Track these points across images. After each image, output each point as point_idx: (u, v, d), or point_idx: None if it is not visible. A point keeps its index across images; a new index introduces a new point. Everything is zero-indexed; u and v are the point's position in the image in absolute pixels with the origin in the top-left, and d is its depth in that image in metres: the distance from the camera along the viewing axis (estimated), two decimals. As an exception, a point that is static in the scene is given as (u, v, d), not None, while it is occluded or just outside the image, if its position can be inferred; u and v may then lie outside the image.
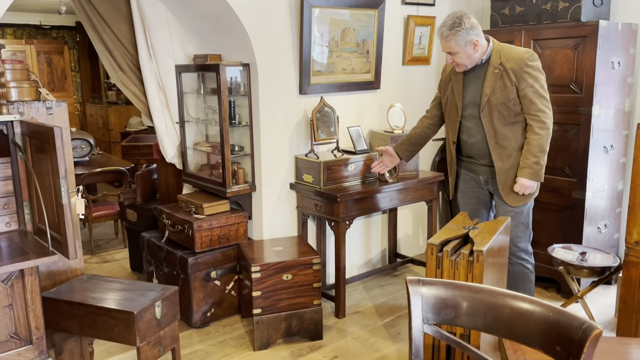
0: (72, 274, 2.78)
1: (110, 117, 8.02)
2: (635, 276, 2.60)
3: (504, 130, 2.83)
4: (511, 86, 2.76)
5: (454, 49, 2.76)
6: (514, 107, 2.79)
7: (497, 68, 2.78)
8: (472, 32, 2.73)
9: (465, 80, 2.91)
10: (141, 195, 4.37)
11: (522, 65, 2.74)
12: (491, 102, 2.80)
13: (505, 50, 2.81)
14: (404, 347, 3.10)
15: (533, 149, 2.77)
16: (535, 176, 2.79)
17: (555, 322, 1.31)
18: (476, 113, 2.87)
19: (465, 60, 2.79)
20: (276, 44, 3.38)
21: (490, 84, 2.79)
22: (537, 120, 2.77)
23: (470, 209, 3.08)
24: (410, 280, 1.51)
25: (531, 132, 2.79)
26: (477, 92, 2.85)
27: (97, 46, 3.57)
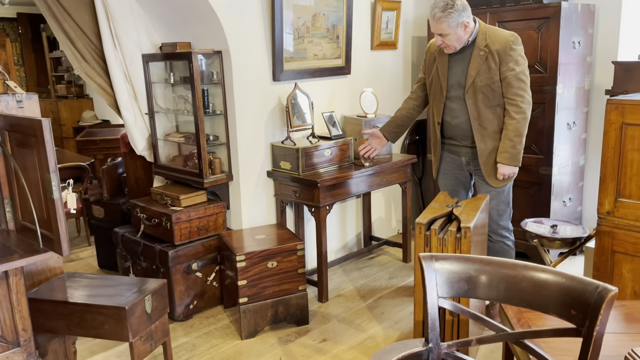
0: (51, 273, 2.68)
1: (61, 111, 7.69)
2: (607, 245, 2.74)
3: (487, 113, 2.88)
4: (495, 68, 2.81)
5: (446, 31, 2.77)
6: (498, 89, 2.84)
7: (482, 50, 2.82)
8: (464, 14, 2.75)
9: (451, 61, 2.93)
10: (108, 190, 4.25)
11: (506, 48, 2.79)
12: (476, 83, 2.84)
13: (490, 32, 2.85)
14: (389, 326, 3.16)
15: (509, 133, 2.83)
16: (513, 160, 2.85)
17: (569, 288, 1.38)
18: (460, 94, 2.92)
19: (455, 42, 2.81)
20: (248, 30, 3.34)
21: (476, 65, 2.83)
22: (514, 105, 2.82)
23: (450, 190, 3.15)
24: (424, 257, 1.55)
25: (508, 117, 2.84)
26: (462, 73, 2.89)
27: (59, 36, 3.42)
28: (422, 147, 4.49)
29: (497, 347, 2.87)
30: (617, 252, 2.67)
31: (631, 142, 2.53)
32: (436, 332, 1.52)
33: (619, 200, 2.61)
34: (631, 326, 1.80)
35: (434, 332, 1.52)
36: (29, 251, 1.96)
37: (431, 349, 1.52)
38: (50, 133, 1.80)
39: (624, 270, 2.66)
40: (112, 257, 3.95)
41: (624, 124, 2.54)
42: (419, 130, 4.48)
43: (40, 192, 1.91)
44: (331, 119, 3.70)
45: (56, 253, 1.91)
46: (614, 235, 2.65)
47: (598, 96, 3.88)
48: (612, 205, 2.64)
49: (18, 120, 1.95)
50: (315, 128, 3.62)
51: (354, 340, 3.03)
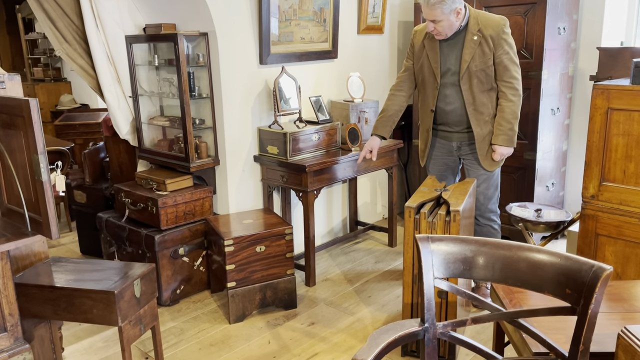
0: (36, 257, 2.62)
1: (39, 95, 7.50)
2: (591, 228, 2.79)
3: (482, 97, 2.88)
4: (489, 52, 2.82)
5: (439, 17, 2.74)
6: (492, 73, 2.86)
7: (475, 35, 2.81)
8: (457, 1, 2.74)
9: (442, 47, 2.91)
10: (90, 175, 4.18)
11: (499, 32, 2.80)
12: (470, 69, 2.84)
13: (481, 16, 2.85)
14: (377, 309, 3.19)
15: (507, 115, 2.85)
16: (510, 142, 2.89)
17: (564, 267, 1.40)
18: (455, 80, 2.90)
19: (447, 28, 2.80)
20: (235, 12, 3.29)
21: (470, 50, 2.83)
22: (511, 87, 2.84)
23: (438, 176, 3.17)
24: (420, 238, 1.55)
25: (504, 99, 2.85)
26: (456, 58, 2.88)
27: (39, 16, 3.33)
28: (407, 132, 4.50)
29: (483, 329, 2.91)
30: (600, 235, 2.73)
31: (616, 126, 2.57)
32: (432, 312, 1.53)
33: (603, 184, 2.66)
34: (619, 305, 1.85)
35: (430, 312, 1.54)
36: (16, 234, 1.92)
37: (427, 329, 1.54)
38: (38, 113, 1.76)
39: (607, 252, 2.72)
40: (95, 243, 3.90)
41: (610, 108, 2.58)
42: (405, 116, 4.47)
43: (28, 174, 1.87)
44: (318, 103, 3.68)
45: (45, 236, 1.88)
46: (598, 218, 2.70)
47: (582, 82, 3.93)
48: (596, 189, 2.69)
49: (4, 101, 1.90)
50: (302, 112, 3.60)
51: (342, 324, 3.05)
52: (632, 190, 2.56)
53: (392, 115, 3.16)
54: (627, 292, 1.98)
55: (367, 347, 1.44)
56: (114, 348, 2.85)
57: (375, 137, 3.18)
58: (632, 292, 1.97)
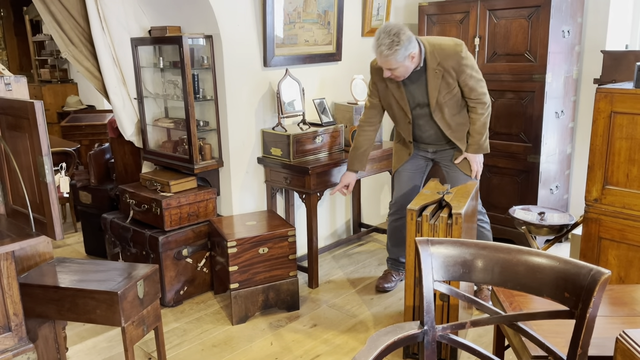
0: (41, 258, 2.65)
1: (45, 96, 7.56)
2: (594, 231, 2.79)
3: (457, 119, 3.01)
4: (453, 82, 2.90)
5: (394, 66, 2.80)
6: (460, 95, 2.96)
7: (436, 70, 2.88)
8: (410, 46, 2.76)
9: (406, 86, 2.97)
10: (95, 176, 4.21)
11: (459, 60, 2.86)
12: (439, 101, 2.93)
13: (437, 49, 2.88)
14: (379, 312, 3.20)
15: (477, 128, 2.99)
16: (481, 150, 3.05)
17: (563, 271, 1.40)
18: (426, 112, 3.00)
19: (404, 73, 2.85)
20: (239, 14, 3.31)
21: (434, 85, 2.90)
22: (479, 102, 2.96)
23: (409, 176, 3.25)
24: (420, 241, 1.56)
25: (474, 113, 2.99)
26: (422, 94, 2.96)
27: (45, 18, 3.36)
28: (411, 134, 4.50)
29: (485, 332, 2.91)
30: (603, 239, 2.72)
31: (619, 130, 2.57)
32: (431, 315, 1.54)
33: (606, 187, 2.65)
34: (619, 309, 1.85)
35: (429, 315, 1.54)
36: (21, 235, 1.94)
37: (426, 332, 1.54)
38: (42, 115, 1.78)
39: (609, 256, 2.72)
40: (100, 244, 3.92)
41: (613, 112, 2.58)
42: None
43: (32, 175, 1.89)
44: (322, 106, 3.69)
45: (49, 237, 1.90)
46: (601, 222, 2.70)
47: (586, 85, 3.92)
48: (599, 192, 2.68)
49: (9, 103, 1.92)
50: (306, 114, 3.61)
51: (344, 326, 3.05)
52: (635, 194, 2.55)
53: (365, 151, 3.23)
54: (629, 296, 1.97)
55: (366, 349, 1.45)
56: (118, 348, 2.87)
57: (351, 173, 3.24)
58: (634, 296, 1.97)
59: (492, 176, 3.93)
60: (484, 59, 3.79)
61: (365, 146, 3.20)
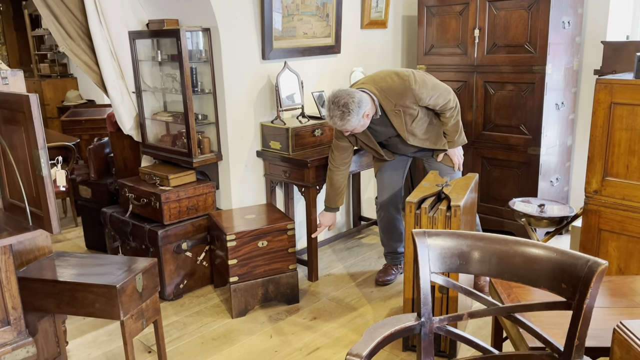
0: (40, 252, 2.65)
1: (45, 91, 7.55)
2: (594, 223, 2.78)
3: (432, 130, 3.09)
4: (415, 108, 2.95)
5: (350, 129, 2.88)
6: (428, 114, 3.04)
7: (395, 110, 2.93)
8: (361, 109, 2.80)
9: (371, 130, 3.04)
10: (95, 170, 4.21)
11: (412, 93, 2.89)
12: (409, 130, 3.00)
13: (388, 92, 2.90)
14: (379, 304, 3.20)
15: (451, 128, 3.09)
16: (459, 144, 3.15)
17: (560, 262, 1.40)
18: (400, 140, 3.09)
19: (363, 127, 2.92)
20: (237, 7, 3.29)
21: (399, 122, 2.97)
22: (447, 109, 3.03)
23: (389, 175, 3.30)
24: (417, 232, 1.55)
25: (444, 117, 3.08)
26: (390, 130, 3.04)
27: (43, 12, 3.35)
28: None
29: (484, 324, 2.91)
30: (603, 230, 2.71)
31: (619, 121, 2.56)
32: (428, 306, 1.54)
33: (606, 179, 2.64)
34: (618, 300, 1.84)
35: (426, 307, 1.54)
36: (18, 229, 1.94)
37: (423, 323, 1.54)
38: (38, 108, 1.77)
39: (609, 247, 2.71)
40: (100, 238, 3.92)
41: (613, 103, 2.56)
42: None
43: (29, 169, 1.89)
44: (321, 99, 3.68)
45: (46, 231, 1.90)
46: (601, 213, 2.69)
47: (586, 76, 3.90)
48: (599, 184, 2.67)
49: (5, 96, 1.91)
50: (305, 108, 3.60)
51: (343, 318, 3.05)
52: (635, 185, 2.54)
53: (342, 190, 3.27)
54: (628, 287, 1.97)
55: (363, 341, 1.45)
56: (117, 342, 2.87)
57: (329, 213, 3.27)
58: (633, 287, 1.96)
59: (492, 168, 3.92)
60: (483, 51, 3.77)
61: (341, 186, 3.25)
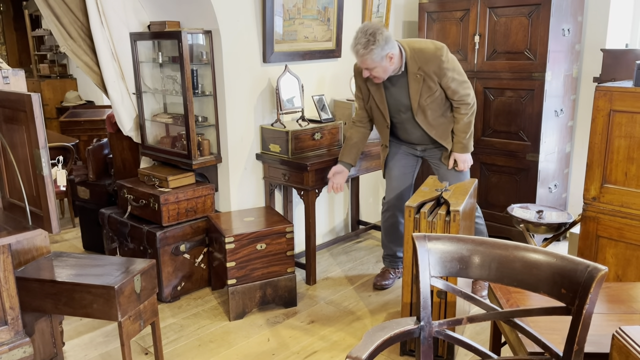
0: (38, 252, 2.64)
1: (44, 91, 7.54)
2: (592, 230, 2.78)
3: (440, 120, 3.03)
4: (435, 85, 2.91)
5: (370, 65, 2.82)
6: (443, 98, 2.98)
7: (417, 74, 2.89)
8: (387, 47, 2.78)
9: (387, 90, 2.99)
10: (93, 171, 4.21)
11: (440, 64, 2.87)
12: (421, 104, 2.95)
13: (417, 54, 2.89)
14: (376, 309, 3.19)
15: (462, 127, 3.01)
16: (466, 149, 3.06)
17: (560, 267, 1.40)
18: (409, 116, 3.02)
19: (382, 73, 2.86)
20: (239, 10, 3.30)
21: (416, 89, 2.92)
22: (462, 104, 2.98)
23: (399, 176, 3.26)
24: (417, 236, 1.56)
25: (458, 114, 3.01)
26: (404, 97, 2.97)
27: (44, 12, 3.35)
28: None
29: (483, 329, 2.91)
30: (601, 237, 2.72)
31: (618, 128, 2.57)
32: (428, 310, 1.54)
33: (604, 186, 2.65)
34: (616, 307, 1.85)
35: (426, 311, 1.54)
36: (17, 228, 1.93)
37: (423, 327, 1.54)
38: (40, 108, 1.77)
39: (607, 254, 2.71)
40: (97, 239, 3.92)
41: (612, 110, 2.57)
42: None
43: (29, 168, 1.88)
44: (321, 102, 3.69)
45: (45, 230, 1.89)
46: (599, 220, 2.69)
47: (586, 84, 3.92)
48: (598, 191, 2.68)
49: (6, 95, 1.91)
50: (305, 111, 3.60)
51: (341, 322, 3.05)
52: (634, 193, 2.55)
53: (356, 143, 3.24)
54: (626, 293, 1.97)
55: (362, 344, 1.45)
56: (114, 343, 2.86)
57: (340, 165, 3.24)
58: (631, 293, 1.97)
59: (490, 174, 3.93)
60: (483, 57, 3.78)
61: (356, 139, 3.21)
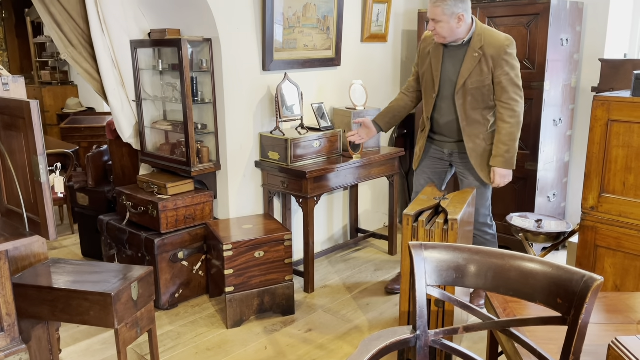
0: (36, 259, 2.64)
1: (45, 98, 7.57)
2: (590, 239, 2.78)
3: (475, 114, 2.91)
4: (487, 72, 2.82)
5: (439, 17, 2.78)
6: (487, 92, 2.87)
7: (476, 52, 2.82)
8: (461, 6, 2.76)
9: (445, 57, 2.94)
10: (93, 178, 4.21)
11: (501, 53, 2.80)
12: (467, 85, 2.87)
13: (486, 34, 2.85)
14: (375, 317, 3.19)
15: (503, 137, 2.86)
16: (507, 164, 2.90)
17: (556, 277, 1.40)
18: (450, 94, 2.95)
19: (447, 32, 2.81)
20: (239, 18, 3.32)
21: (468, 66, 2.84)
22: (508, 109, 2.84)
23: (426, 179, 3.23)
24: (413, 245, 1.56)
25: (501, 121, 2.87)
26: (455, 72, 2.90)
27: (45, 19, 3.37)
28: (410, 140, 4.51)
29: (480, 339, 2.90)
30: (599, 247, 2.71)
31: (616, 138, 2.57)
32: (424, 319, 1.53)
33: (603, 195, 2.65)
34: (614, 317, 1.84)
35: (422, 320, 1.54)
36: (14, 235, 1.93)
37: (419, 336, 1.54)
38: (38, 115, 1.78)
39: (606, 264, 2.71)
40: (96, 246, 3.91)
41: (610, 120, 2.58)
42: (407, 124, 4.49)
43: (27, 175, 1.89)
44: (320, 111, 3.70)
45: (43, 237, 1.89)
46: (597, 230, 2.69)
47: (584, 93, 3.93)
48: (596, 200, 2.68)
49: (5, 102, 1.92)
50: (304, 119, 3.61)
51: (339, 331, 3.04)
52: (632, 203, 2.55)
53: (393, 109, 3.25)
54: (623, 304, 1.97)
55: (358, 353, 1.44)
56: (111, 350, 2.86)
57: (371, 123, 3.26)
58: (629, 304, 1.96)
59: (489, 183, 3.93)
60: (482, 66, 3.79)
61: (395, 104, 3.24)
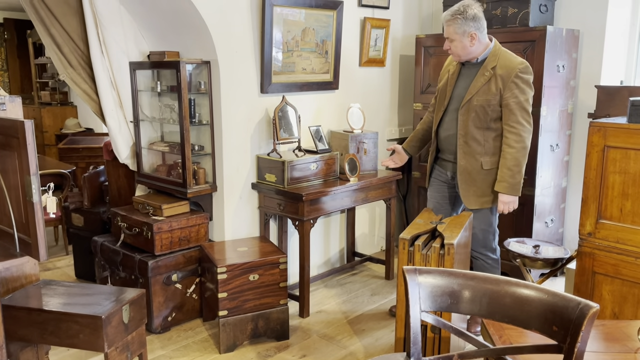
0: (27, 280, 2.61)
1: (44, 118, 7.59)
2: (588, 266, 2.76)
3: (475, 133, 2.89)
4: (495, 92, 2.81)
5: (452, 36, 2.83)
6: (492, 113, 2.84)
7: (488, 71, 2.84)
8: (473, 25, 2.78)
9: (460, 74, 2.99)
10: (88, 198, 4.19)
11: (511, 75, 2.79)
12: (472, 101, 2.86)
13: (502, 55, 2.86)
14: (370, 343, 3.14)
15: (508, 162, 2.82)
16: (512, 190, 2.85)
17: (551, 304, 1.38)
18: (456, 108, 2.96)
19: (460, 50, 2.84)
20: (238, 41, 3.34)
21: (478, 84, 2.85)
22: (514, 133, 2.81)
23: (435, 203, 3.20)
24: (407, 270, 1.54)
25: (506, 145, 2.83)
26: (465, 88, 2.93)
27: (45, 41, 3.39)
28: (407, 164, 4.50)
29: (477, 366, 2.85)
30: (597, 273, 2.69)
31: (612, 164, 2.57)
32: (418, 346, 1.50)
33: (600, 221, 2.63)
34: (611, 345, 1.81)
35: (416, 347, 1.51)
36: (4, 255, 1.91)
37: (413, 364, 1.51)
38: (32, 135, 1.77)
39: (604, 291, 2.68)
40: (90, 267, 3.87)
41: (606, 146, 2.58)
42: (405, 148, 4.50)
43: (20, 195, 1.87)
44: (318, 133, 3.70)
45: (33, 258, 1.87)
46: (595, 256, 2.67)
47: (581, 119, 3.94)
48: (593, 226, 2.66)
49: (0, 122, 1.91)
50: (301, 142, 3.62)
51: (334, 357, 2.99)
52: (629, 229, 2.53)
53: (418, 133, 3.34)
54: (621, 332, 1.94)
55: (350, 380, 1.41)
56: (101, 375, 2.80)
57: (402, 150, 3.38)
58: (626, 332, 1.93)
59: (487, 208, 3.91)
60: (479, 91, 3.81)
61: (420, 127, 3.34)
